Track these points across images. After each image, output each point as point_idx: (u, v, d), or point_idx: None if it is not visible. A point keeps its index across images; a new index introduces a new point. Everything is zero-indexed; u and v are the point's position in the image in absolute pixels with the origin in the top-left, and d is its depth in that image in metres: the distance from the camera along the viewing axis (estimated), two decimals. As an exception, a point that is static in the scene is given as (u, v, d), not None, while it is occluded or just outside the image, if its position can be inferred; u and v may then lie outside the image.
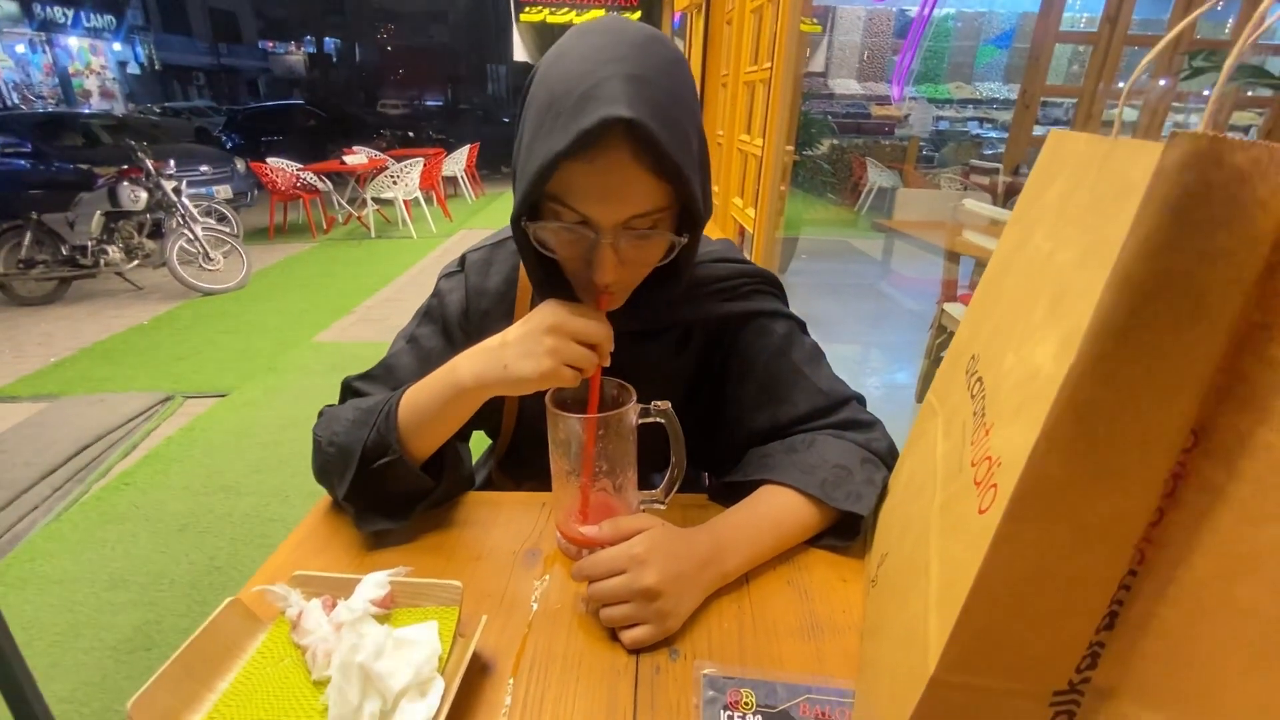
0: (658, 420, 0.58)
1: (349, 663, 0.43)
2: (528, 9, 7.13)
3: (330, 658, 0.46)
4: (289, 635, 0.50)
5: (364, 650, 0.43)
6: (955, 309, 2.37)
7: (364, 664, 0.43)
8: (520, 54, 7.44)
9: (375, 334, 3.64)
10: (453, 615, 0.51)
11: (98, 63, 15.83)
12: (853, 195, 7.63)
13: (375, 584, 0.51)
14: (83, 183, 4.99)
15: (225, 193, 6.27)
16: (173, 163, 4.43)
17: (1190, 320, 0.23)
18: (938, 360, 2.50)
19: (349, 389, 0.72)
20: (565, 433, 0.56)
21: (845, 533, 0.62)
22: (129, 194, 4.18)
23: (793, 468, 0.62)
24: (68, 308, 4.19)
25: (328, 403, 0.71)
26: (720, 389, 0.72)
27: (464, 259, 0.74)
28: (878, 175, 7.17)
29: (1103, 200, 0.31)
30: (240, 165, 6.90)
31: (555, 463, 0.59)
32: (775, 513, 0.61)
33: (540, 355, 0.53)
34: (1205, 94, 3.46)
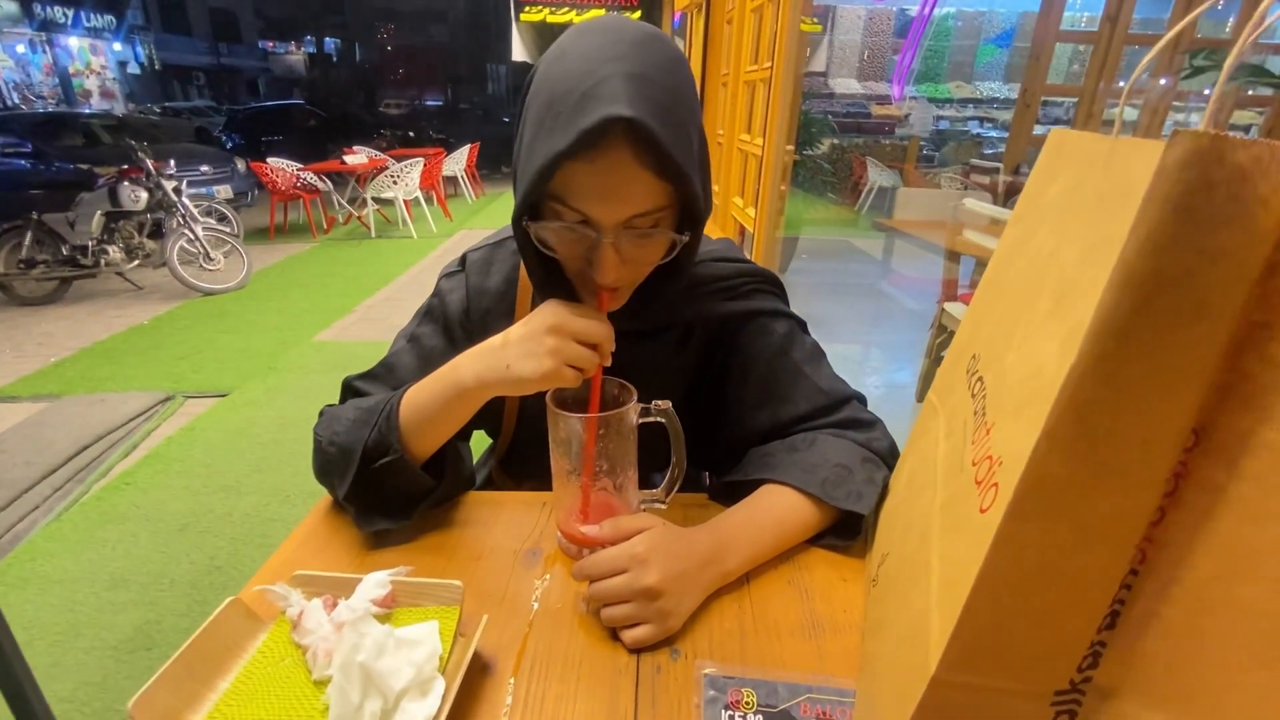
0: (658, 420, 0.58)
1: (350, 662, 0.43)
2: (528, 8, 7.14)
3: (331, 657, 0.46)
4: (290, 635, 0.50)
5: (365, 650, 0.43)
6: (956, 308, 2.37)
7: (365, 663, 0.43)
8: (519, 54, 7.45)
9: (375, 333, 3.64)
10: (453, 615, 0.51)
11: (98, 63, 15.83)
12: (853, 195, 7.63)
13: (376, 583, 0.51)
14: (83, 183, 4.99)
15: (225, 193, 6.28)
16: (173, 163, 4.44)
17: (1192, 319, 0.23)
18: (938, 360, 2.49)
19: (350, 388, 0.72)
20: (566, 432, 0.56)
21: (846, 532, 0.62)
22: (129, 194, 4.18)
23: (793, 467, 0.62)
24: (68, 308, 4.19)
25: (328, 402, 0.71)
26: (721, 388, 0.72)
27: (465, 258, 0.74)
28: (878, 175, 7.16)
29: (1104, 199, 0.31)
30: (240, 165, 6.90)
31: (556, 462, 0.59)
32: (776, 512, 0.61)
33: (541, 355, 0.53)
34: (1206, 93, 3.46)
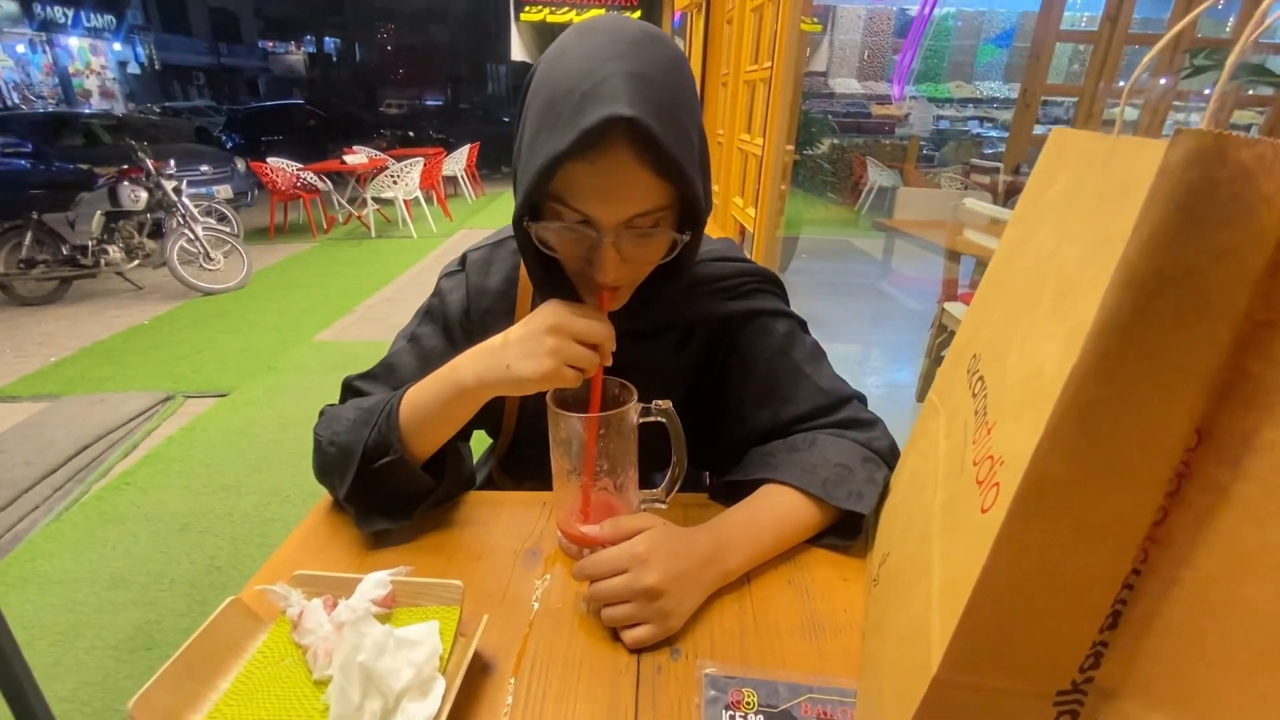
0: (659, 419, 0.58)
1: (350, 662, 0.43)
2: (528, 8, 7.13)
3: (331, 657, 0.46)
4: (290, 635, 0.49)
5: (365, 650, 0.43)
6: (956, 308, 2.37)
7: (365, 663, 0.43)
8: (518, 53, 7.43)
9: (376, 333, 3.64)
10: (454, 615, 0.50)
11: (98, 63, 15.83)
12: (853, 194, 7.62)
13: (376, 583, 0.51)
14: (83, 182, 4.99)
15: (225, 192, 6.28)
16: (173, 162, 4.44)
17: (1195, 318, 0.23)
18: (938, 359, 2.49)
19: (350, 388, 0.71)
20: (566, 432, 0.56)
21: (847, 532, 0.62)
22: (129, 194, 4.18)
23: (794, 467, 0.62)
24: (68, 307, 4.19)
25: (328, 402, 0.71)
26: (721, 388, 0.72)
27: (465, 258, 0.74)
28: (878, 174, 7.16)
29: (1106, 198, 0.31)
30: (240, 165, 6.90)
31: (556, 462, 0.59)
32: (777, 512, 0.61)
33: (542, 355, 0.53)
34: (1206, 93, 3.46)
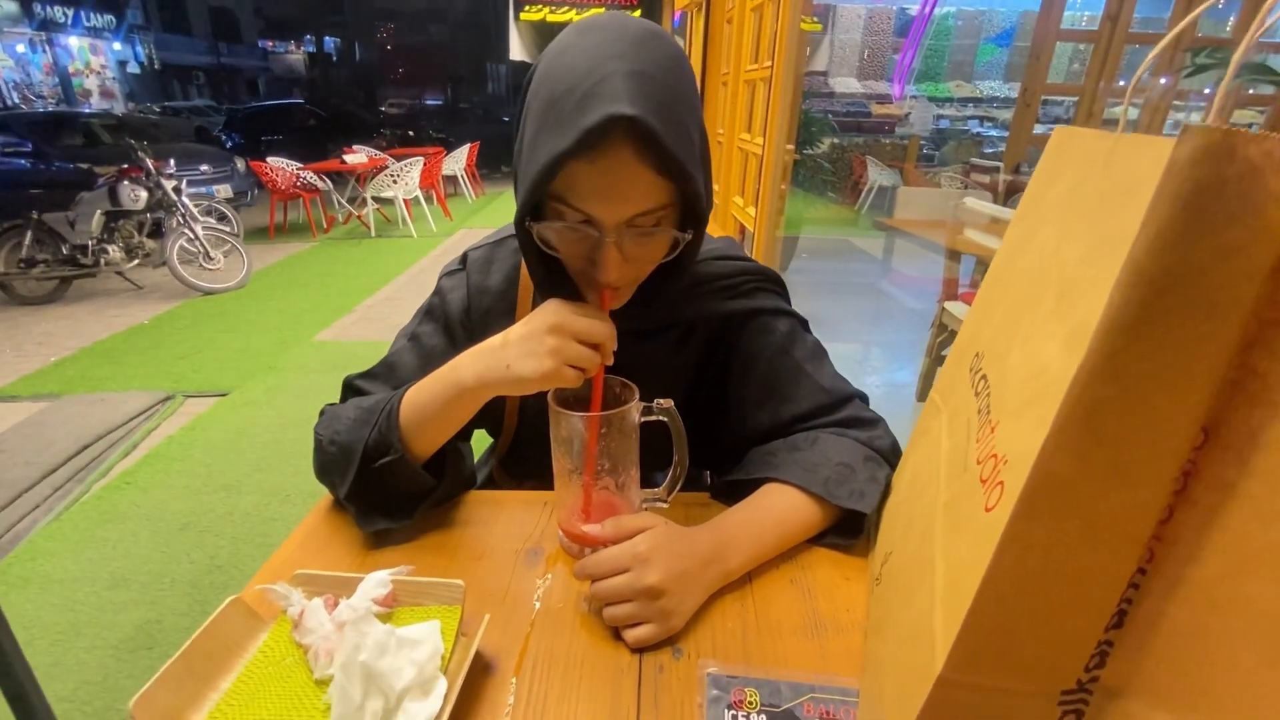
0: (660, 418, 0.58)
1: (351, 661, 0.43)
2: (528, 7, 7.12)
3: (332, 657, 0.45)
4: (291, 634, 0.49)
5: (366, 649, 0.43)
6: (956, 307, 2.37)
7: (366, 663, 0.42)
8: (517, 53, 7.41)
9: (376, 333, 3.64)
10: (455, 614, 0.50)
11: (98, 62, 15.81)
12: (853, 194, 7.62)
13: (377, 583, 0.50)
14: (83, 182, 4.99)
15: (225, 192, 6.27)
16: (173, 162, 4.44)
17: (1202, 316, 0.23)
18: (939, 359, 2.49)
19: (350, 388, 0.71)
20: (568, 431, 0.56)
21: (848, 531, 0.62)
22: (129, 193, 4.18)
23: (795, 466, 0.62)
24: (68, 307, 4.19)
25: (328, 402, 0.70)
26: (722, 387, 0.71)
27: (465, 257, 0.74)
28: (878, 174, 7.16)
29: (1109, 196, 0.31)
30: (240, 164, 6.89)
31: (558, 461, 0.59)
32: (778, 511, 0.61)
33: (542, 355, 0.53)
34: (1206, 92, 3.45)
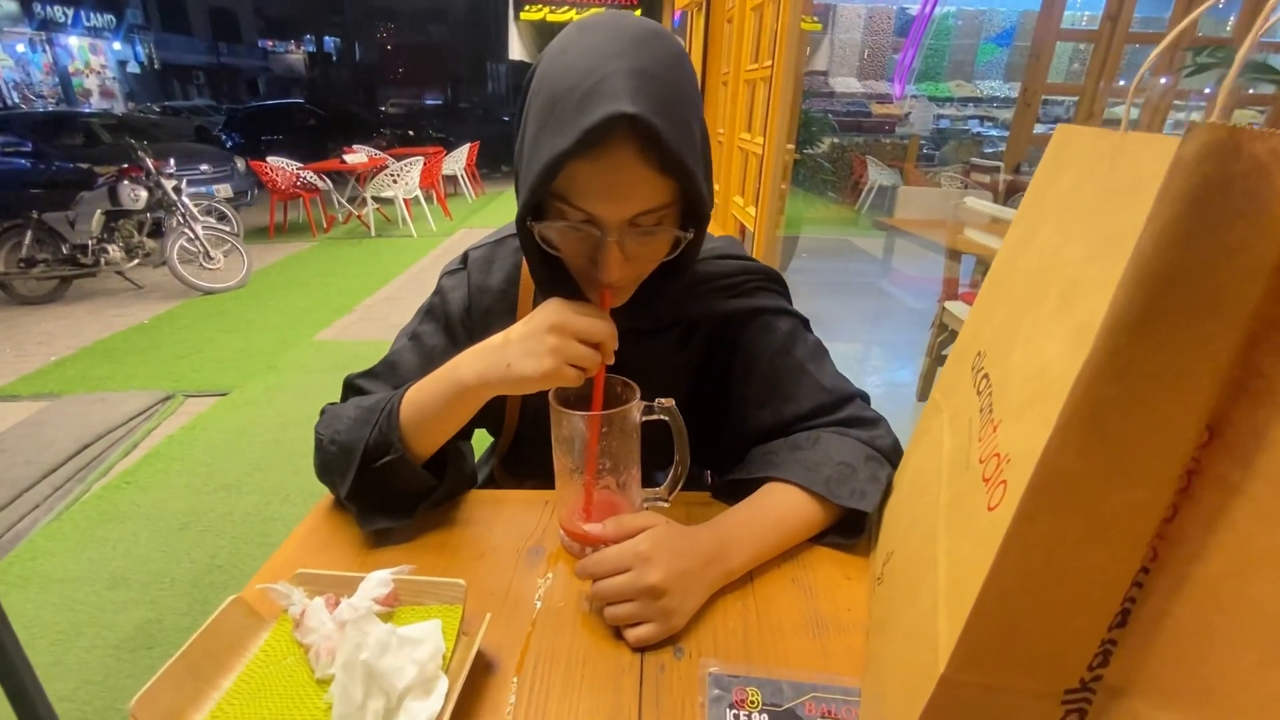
0: (661, 417, 0.58)
1: (353, 661, 0.42)
2: (528, 7, 7.12)
3: (334, 656, 0.45)
4: (292, 633, 0.49)
5: (368, 648, 0.43)
6: (956, 307, 2.36)
7: (368, 662, 0.42)
8: (516, 53, 7.41)
9: (376, 332, 3.64)
10: (456, 613, 0.50)
11: (98, 62, 15.82)
12: (853, 194, 7.62)
13: (378, 582, 0.50)
14: (83, 182, 5.00)
15: (225, 191, 6.27)
16: (173, 161, 4.44)
17: (1207, 314, 0.23)
18: (939, 358, 2.49)
19: (351, 387, 0.71)
20: (569, 430, 0.56)
21: (850, 530, 0.62)
22: (129, 193, 4.18)
23: (797, 465, 0.62)
24: (68, 307, 4.19)
25: (328, 401, 0.70)
26: (723, 386, 0.71)
27: (466, 256, 0.74)
28: (878, 173, 7.16)
29: (1113, 195, 0.31)
30: (240, 164, 6.89)
31: (559, 460, 0.58)
32: (779, 510, 0.61)
33: (543, 354, 0.53)
34: (1206, 91, 3.45)
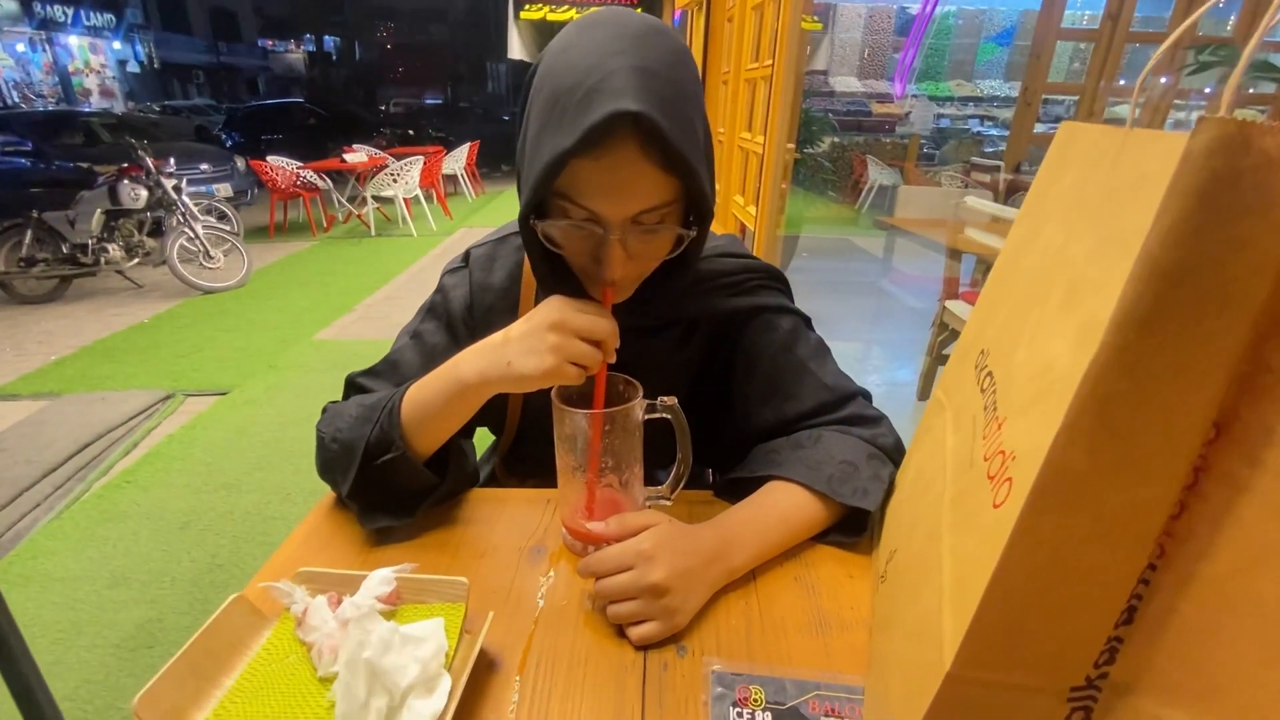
0: (664, 416, 0.57)
1: (356, 659, 0.42)
2: (528, 6, 7.10)
3: (336, 654, 0.45)
4: (294, 632, 0.49)
5: (371, 646, 0.43)
6: (957, 306, 2.36)
7: (371, 660, 0.42)
8: (517, 52, 7.38)
9: (376, 332, 3.63)
10: (459, 612, 0.50)
11: (97, 61, 15.82)
12: (853, 193, 7.62)
13: (381, 580, 0.50)
14: (83, 181, 4.99)
15: (225, 191, 6.27)
16: (173, 161, 4.43)
17: (1215, 309, 0.23)
18: (940, 358, 2.49)
19: (353, 385, 0.71)
20: (571, 428, 0.56)
21: (852, 529, 0.62)
22: (129, 192, 4.18)
23: (799, 464, 0.62)
24: (68, 306, 4.18)
25: (328, 400, 0.70)
26: (725, 385, 0.71)
27: (468, 254, 0.74)
28: (878, 173, 7.16)
29: (1118, 191, 0.31)
30: (240, 163, 6.89)
31: (561, 458, 0.58)
32: (782, 509, 0.61)
33: (543, 352, 0.53)
34: (1207, 91, 3.45)
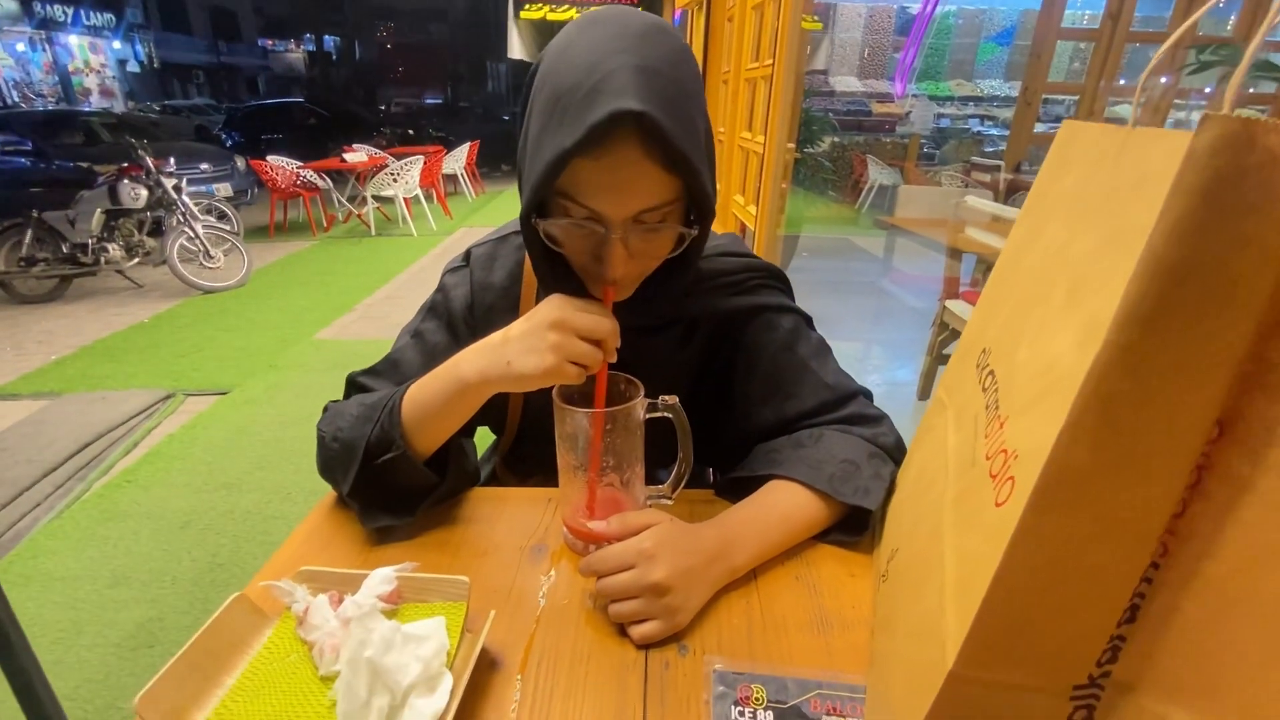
0: (665, 415, 0.57)
1: (357, 658, 0.42)
2: (528, 6, 7.09)
3: (338, 653, 0.45)
4: (295, 631, 0.49)
5: (372, 645, 0.43)
6: (957, 306, 2.36)
7: (372, 659, 0.42)
8: (517, 52, 7.37)
9: (376, 331, 3.63)
10: (460, 611, 0.50)
11: (97, 61, 15.81)
12: (854, 193, 7.62)
13: (382, 579, 0.50)
14: (83, 180, 4.99)
15: (225, 190, 6.26)
16: (173, 160, 4.44)
17: (1219, 307, 0.23)
18: (940, 357, 2.49)
19: (354, 384, 0.71)
20: (572, 427, 0.56)
21: (853, 528, 0.62)
22: (129, 192, 4.18)
23: (800, 463, 0.62)
24: (68, 305, 4.18)
25: (329, 400, 0.70)
26: (726, 384, 0.71)
27: (469, 253, 0.74)
28: (879, 173, 7.16)
29: (1120, 189, 0.31)
30: (240, 163, 6.88)
31: (562, 457, 0.58)
32: (783, 508, 0.61)
33: (543, 351, 0.53)
34: (1207, 91, 3.45)
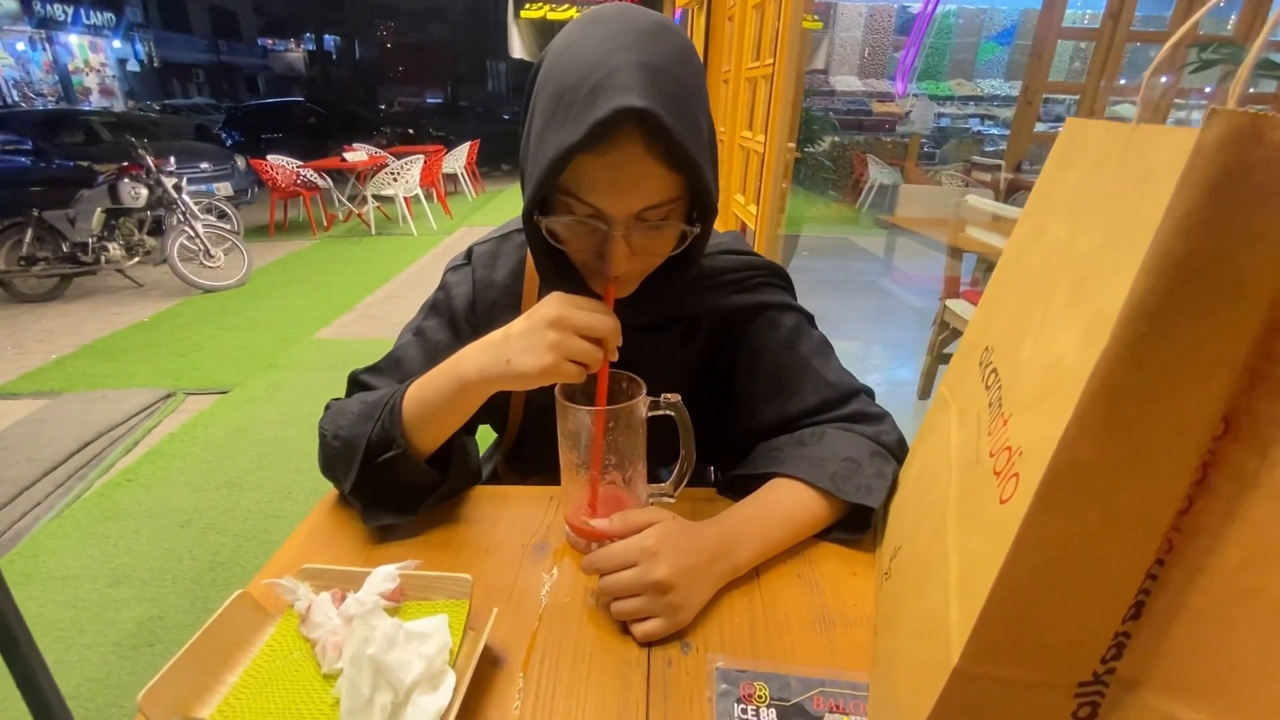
0: (667, 413, 0.57)
1: (360, 655, 0.42)
2: (529, 5, 7.08)
3: (340, 650, 0.45)
4: (298, 628, 0.49)
5: (375, 642, 0.43)
6: (958, 305, 2.36)
7: (375, 656, 0.42)
8: (517, 51, 7.36)
9: (376, 331, 3.64)
10: (463, 608, 0.50)
11: (97, 60, 15.80)
12: (854, 192, 7.62)
13: (385, 577, 0.50)
14: (83, 180, 4.98)
15: (225, 190, 6.25)
16: (173, 160, 4.44)
17: (1227, 302, 0.22)
18: (941, 356, 2.49)
19: (356, 382, 0.71)
20: (574, 425, 0.56)
21: (856, 526, 0.62)
22: (129, 191, 4.18)
23: (802, 461, 0.62)
24: (69, 305, 4.19)
25: (329, 399, 0.70)
26: (728, 382, 0.71)
27: (470, 252, 0.74)
28: (879, 172, 7.16)
29: (1126, 185, 0.31)
30: (240, 162, 6.89)
31: (564, 455, 0.58)
32: (785, 506, 0.61)
33: (543, 350, 0.53)
34: (1207, 90, 3.44)
